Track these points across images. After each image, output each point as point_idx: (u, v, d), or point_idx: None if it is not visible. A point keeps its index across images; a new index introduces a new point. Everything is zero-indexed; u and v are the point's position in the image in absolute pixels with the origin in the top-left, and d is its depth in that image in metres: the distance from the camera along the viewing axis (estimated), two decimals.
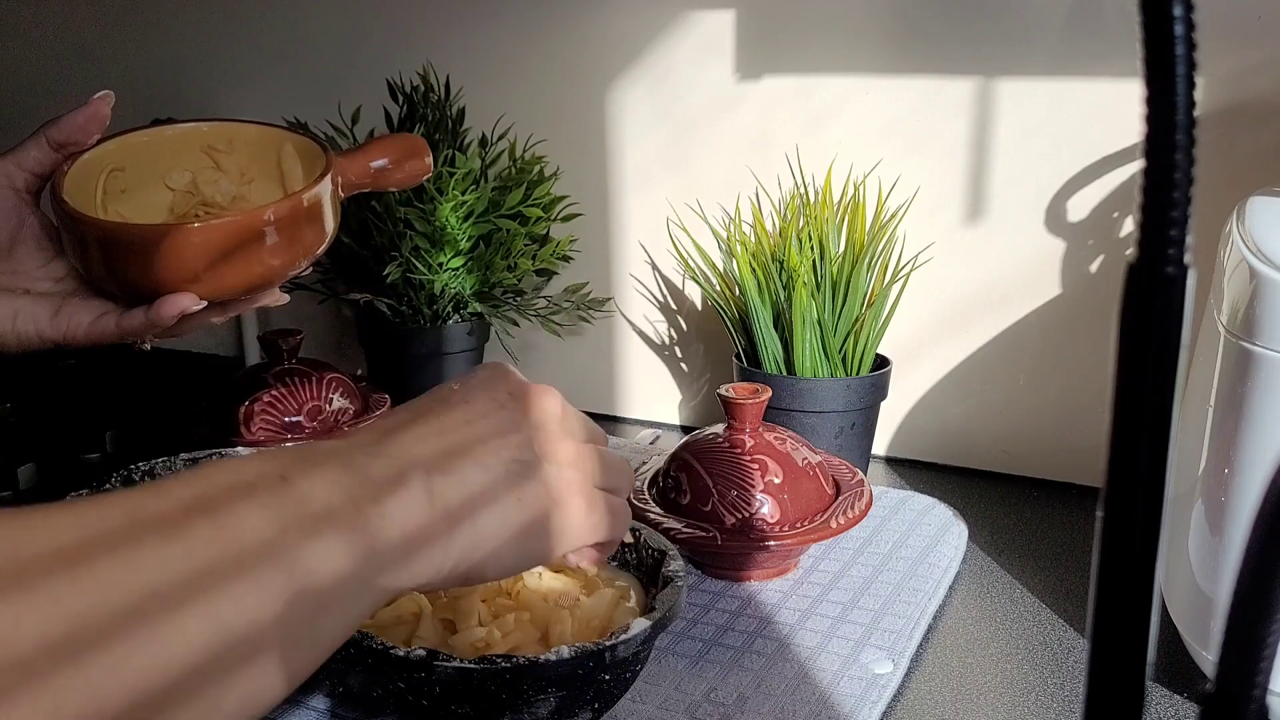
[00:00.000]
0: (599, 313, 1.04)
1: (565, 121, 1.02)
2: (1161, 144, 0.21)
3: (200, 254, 0.59)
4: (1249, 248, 0.54)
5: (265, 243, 0.61)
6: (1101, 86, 0.82)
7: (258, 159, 0.72)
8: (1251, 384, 0.52)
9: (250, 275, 0.62)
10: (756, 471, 0.70)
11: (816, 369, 0.85)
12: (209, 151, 0.72)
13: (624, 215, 1.03)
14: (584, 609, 0.57)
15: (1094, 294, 0.85)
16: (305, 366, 0.90)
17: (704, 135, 0.97)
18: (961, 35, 0.85)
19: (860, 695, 0.58)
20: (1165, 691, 0.59)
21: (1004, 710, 0.58)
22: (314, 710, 0.57)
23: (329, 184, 0.65)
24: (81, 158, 0.65)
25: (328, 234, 0.65)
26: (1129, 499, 0.23)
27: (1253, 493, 0.53)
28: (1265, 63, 0.76)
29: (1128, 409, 0.22)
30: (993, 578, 0.73)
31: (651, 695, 0.58)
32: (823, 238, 0.84)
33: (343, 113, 0.98)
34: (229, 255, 0.60)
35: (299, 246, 0.63)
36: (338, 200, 0.67)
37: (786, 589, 0.70)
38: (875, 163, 0.90)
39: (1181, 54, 0.20)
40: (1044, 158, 0.85)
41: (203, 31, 1.19)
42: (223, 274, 0.61)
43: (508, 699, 0.50)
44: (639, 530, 0.62)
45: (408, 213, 0.91)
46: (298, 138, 0.70)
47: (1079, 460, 0.89)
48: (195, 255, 0.59)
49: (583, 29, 1.00)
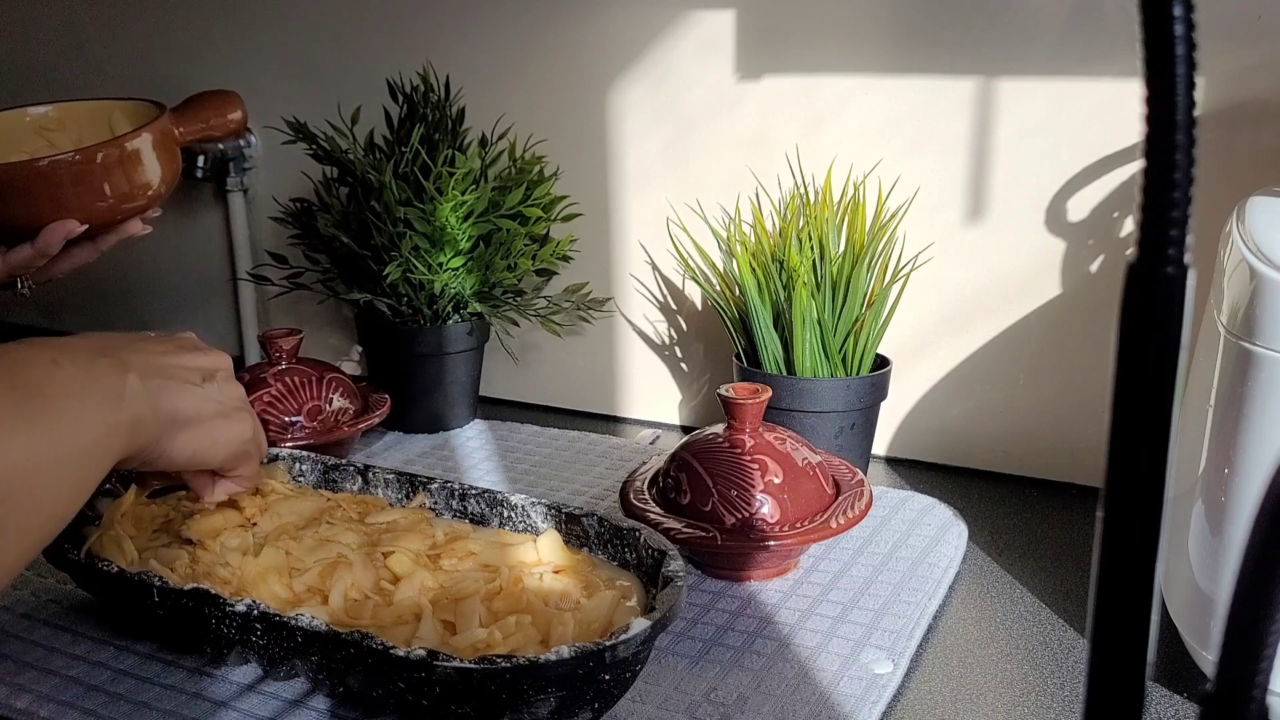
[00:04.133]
0: (599, 313, 1.04)
1: (565, 121, 1.02)
2: (1161, 144, 0.21)
3: (56, 186, 0.75)
4: (1249, 248, 0.54)
5: (108, 176, 0.77)
6: (1101, 86, 0.82)
7: (91, 130, 0.86)
8: (1251, 384, 0.52)
9: (104, 208, 0.78)
10: (756, 471, 0.70)
11: (816, 369, 0.85)
12: (41, 133, 0.86)
13: (624, 215, 1.03)
14: (585, 611, 0.57)
15: (1094, 294, 0.85)
16: (305, 366, 0.90)
17: (704, 135, 0.97)
18: (961, 35, 0.85)
19: (860, 695, 0.58)
20: (1165, 691, 0.59)
21: (1004, 710, 0.58)
22: (314, 710, 0.57)
23: (152, 131, 0.80)
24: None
25: (160, 173, 0.81)
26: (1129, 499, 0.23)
27: (1253, 493, 0.53)
28: (1265, 63, 0.76)
29: (1128, 409, 0.22)
30: (993, 578, 0.73)
31: (651, 695, 0.58)
32: (823, 238, 0.84)
33: (342, 113, 0.98)
34: (80, 187, 0.76)
35: (136, 180, 0.79)
36: (172, 145, 0.82)
37: (786, 589, 0.70)
38: (875, 163, 0.90)
39: (1181, 54, 0.20)
40: (1044, 158, 0.85)
41: (203, 31, 1.19)
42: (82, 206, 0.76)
43: (508, 699, 0.50)
44: (639, 530, 0.62)
45: (408, 213, 0.91)
46: (127, 103, 0.86)
47: (1079, 460, 0.89)
48: (53, 187, 0.75)
49: (583, 29, 1.00)
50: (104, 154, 0.77)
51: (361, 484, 0.73)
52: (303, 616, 0.54)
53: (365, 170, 0.92)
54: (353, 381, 0.94)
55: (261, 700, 0.58)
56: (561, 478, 0.89)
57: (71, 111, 0.88)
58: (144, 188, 0.80)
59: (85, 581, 0.64)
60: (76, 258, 0.80)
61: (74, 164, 0.75)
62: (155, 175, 0.81)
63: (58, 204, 0.76)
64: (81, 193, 0.76)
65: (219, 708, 0.58)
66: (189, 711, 0.57)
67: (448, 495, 0.70)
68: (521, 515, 0.68)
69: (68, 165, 0.75)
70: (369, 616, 0.58)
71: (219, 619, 0.56)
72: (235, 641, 0.58)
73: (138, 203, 0.80)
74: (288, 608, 0.58)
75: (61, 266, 0.80)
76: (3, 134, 0.85)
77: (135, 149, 0.79)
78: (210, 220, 1.24)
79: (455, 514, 0.70)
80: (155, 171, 0.81)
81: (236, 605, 0.55)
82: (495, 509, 0.69)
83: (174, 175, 0.83)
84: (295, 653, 0.56)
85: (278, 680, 0.60)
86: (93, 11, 1.26)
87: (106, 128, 0.86)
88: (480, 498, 0.69)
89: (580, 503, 0.83)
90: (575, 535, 0.65)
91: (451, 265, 0.94)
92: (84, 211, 0.77)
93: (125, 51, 1.25)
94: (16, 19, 1.32)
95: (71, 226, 0.76)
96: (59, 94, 1.31)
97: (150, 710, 0.57)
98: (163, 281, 1.31)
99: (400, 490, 0.72)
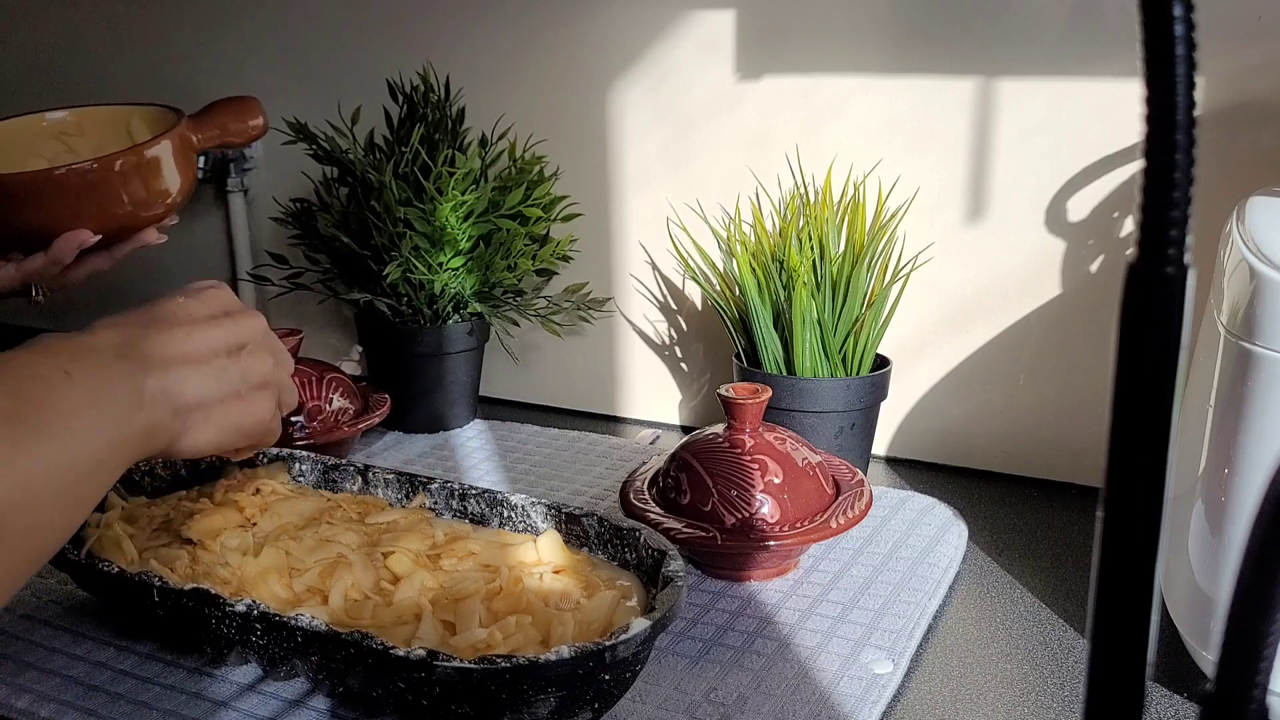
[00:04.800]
0: (599, 313, 1.04)
1: (565, 121, 1.02)
2: (1161, 144, 0.21)
3: (73, 195, 0.73)
4: (1249, 248, 0.54)
5: (126, 185, 0.75)
6: (1101, 86, 0.82)
7: (110, 136, 0.84)
8: (1251, 384, 0.52)
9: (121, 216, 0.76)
10: (756, 471, 0.70)
11: (816, 369, 0.85)
12: (60, 138, 0.84)
13: (624, 215, 1.03)
14: (585, 612, 0.57)
15: (1094, 294, 0.85)
16: (305, 366, 0.90)
17: (704, 135, 0.97)
18: (961, 35, 0.85)
19: (860, 695, 0.58)
20: (1165, 691, 0.59)
21: (1004, 710, 0.58)
22: (314, 710, 0.57)
23: (172, 138, 0.78)
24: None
25: (179, 181, 0.79)
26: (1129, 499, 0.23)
27: (1253, 493, 0.53)
28: (1265, 63, 0.76)
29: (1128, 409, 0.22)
30: (993, 578, 0.73)
31: (651, 695, 0.58)
32: (823, 238, 0.84)
33: (342, 113, 0.98)
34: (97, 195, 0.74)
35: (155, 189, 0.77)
36: (190, 153, 0.80)
37: (786, 589, 0.70)
38: (875, 163, 0.90)
39: (1181, 54, 0.20)
40: (1044, 158, 0.85)
41: (203, 31, 1.19)
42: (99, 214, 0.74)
43: (508, 699, 0.50)
44: (639, 530, 0.62)
45: (408, 213, 0.91)
46: (145, 109, 0.84)
47: (1079, 460, 0.89)
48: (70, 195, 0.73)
49: (583, 29, 1.00)
50: (122, 162, 0.75)
51: (361, 484, 0.73)
52: (303, 616, 0.54)
53: (365, 170, 0.92)
54: (353, 381, 0.94)
55: (261, 700, 0.58)
56: (561, 478, 0.89)
57: (89, 116, 0.86)
58: (162, 196, 0.78)
59: (85, 581, 0.64)
60: (91, 265, 0.78)
61: (92, 172, 0.74)
62: (174, 183, 0.79)
63: (74, 212, 0.74)
64: (99, 201, 0.74)
65: (219, 708, 0.58)
66: (189, 711, 0.57)
67: (448, 495, 0.70)
68: (521, 515, 0.68)
69: (85, 173, 0.73)
70: (369, 617, 0.58)
71: (219, 619, 0.56)
72: (235, 641, 0.58)
73: (155, 211, 0.78)
74: (288, 608, 0.58)
75: (76, 274, 0.78)
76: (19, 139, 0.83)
77: (154, 157, 0.77)
78: (211, 221, 1.24)
79: (455, 514, 0.70)
80: (174, 180, 0.79)
81: (236, 605, 0.55)
82: (495, 509, 0.68)
83: (191, 183, 0.81)
84: (295, 653, 0.56)
85: (278, 680, 0.60)
86: (93, 11, 1.26)
87: (125, 133, 0.85)
88: (480, 498, 0.69)
89: (580, 503, 0.83)
90: (575, 535, 0.65)
91: (451, 265, 0.94)
92: (100, 220, 0.75)
93: (125, 51, 1.25)
94: (15, 20, 1.32)
95: (85, 236, 0.74)
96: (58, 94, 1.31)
97: (150, 710, 0.57)
98: (163, 282, 1.31)
99: (400, 490, 0.72)
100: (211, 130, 0.82)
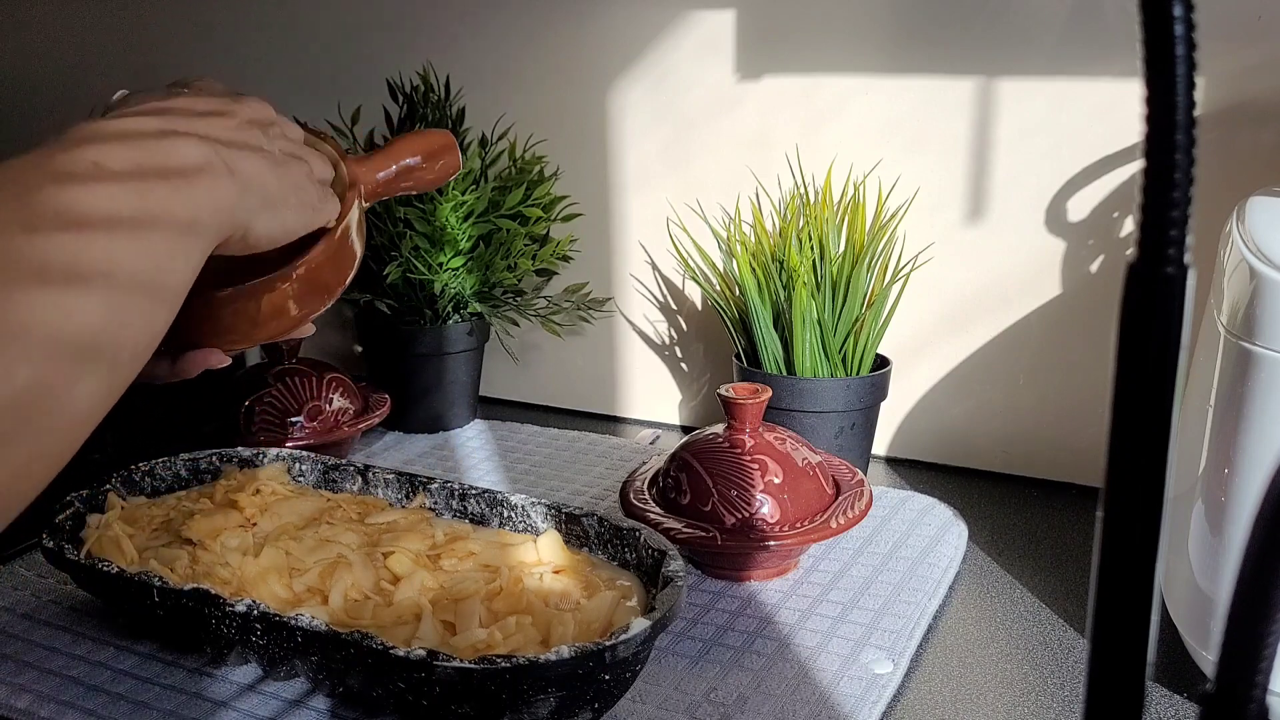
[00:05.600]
0: (599, 313, 1.04)
1: (565, 121, 1.02)
2: (1161, 144, 0.21)
3: (230, 316, 0.55)
4: (1249, 248, 0.54)
5: (295, 293, 0.55)
6: (1101, 86, 0.82)
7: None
8: (1251, 384, 0.52)
9: (282, 328, 0.57)
10: (756, 471, 0.70)
11: (816, 369, 0.85)
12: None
13: (624, 215, 1.03)
14: (585, 611, 0.57)
15: (1094, 294, 0.85)
16: (305, 366, 0.90)
17: (704, 135, 0.97)
18: (961, 35, 0.85)
19: (860, 695, 0.58)
20: (1165, 691, 0.59)
21: (1004, 710, 0.58)
22: (314, 710, 0.57)
23: (356, 210, 0.58)
24: None
25: (357, 255, 0.59)
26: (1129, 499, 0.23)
27: (1253, 493, 0.53)
28: (1265, 63, 0.76)
29: (1128, 409, 0.22)
30: (993, 578, 0.73)
31: (651, 695, 0.58)
32: (823, 238, 0.84)
33: (342, 113, 0.98)
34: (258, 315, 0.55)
35: (329, 283, 0.58)
36: (363, 220, 0.60)
37: (786, 589, 0.70)
38: (875, 163, 0.90)
39: (1181, 54, 0.20)
40: (1044, 158, 0.85)
41: (203, 31, 1.19)
42: (254, 332, 0.56)
43: (508, 699, 0.50)
44: (639, 530, 0.62)
45: (408, 213, 0.91)
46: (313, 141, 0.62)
47: (1079, 460, 0.89)
48: (224, 318, 0.55)
49: (583, 29, 1.00)
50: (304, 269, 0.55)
51: (361, 484, 0.73)
52: (303, 616, 0.54)
53: None
54: (353, 381, 0.94)
55: (261, 700, 0.58)
56: (561, 478, 0.89)
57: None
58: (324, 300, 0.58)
59: (85, 581, 0.64)
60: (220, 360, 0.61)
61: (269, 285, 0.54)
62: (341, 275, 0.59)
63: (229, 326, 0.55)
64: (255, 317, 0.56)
65: (219, 708, 0.58)
66: (189, 711, 0.57)
67: (448, 495, 0.70)
68: (521, 515, 0.68)
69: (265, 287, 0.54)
70: (369, 617, 0.58)
71: (219, 619, 0.56)
72: (235, 641, 0.58)
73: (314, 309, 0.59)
74: (288, 608, 0.58)
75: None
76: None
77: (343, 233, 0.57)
78: None
79: (455, 514, 0.70)
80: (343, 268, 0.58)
81: (236, 605, 0.55)
82: (495, 509, 0.69)
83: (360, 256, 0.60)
84: (295, 653, 0.56)
85: (278, 680, 0.60)
86: (92, 11, 1.26)
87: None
88: (480, 498, 0.69)
89: (580, 503, 0.83)
90: (575, 535, 0.65)
91: (451, 265, 0.94)
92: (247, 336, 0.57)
93: (125, 51, 1.25)
94: (15, 20, 1.32)
95: (214, 360, 0.57)
96: (58, 99, 1.32)
97: (150, 710, 0.57)
98: None
99: (400, 490, 0.72)
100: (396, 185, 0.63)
